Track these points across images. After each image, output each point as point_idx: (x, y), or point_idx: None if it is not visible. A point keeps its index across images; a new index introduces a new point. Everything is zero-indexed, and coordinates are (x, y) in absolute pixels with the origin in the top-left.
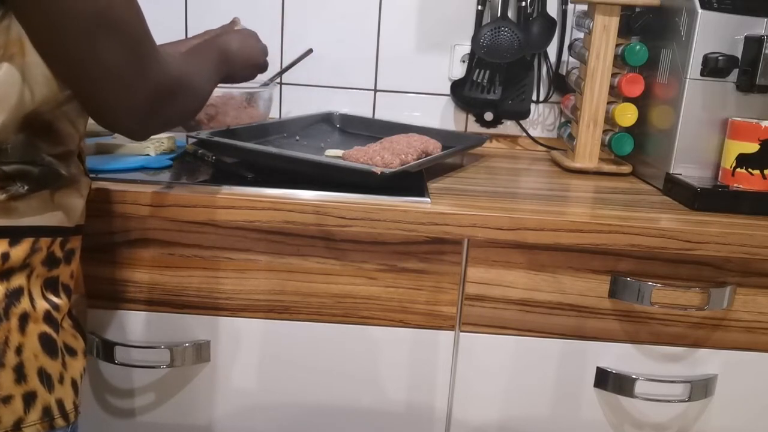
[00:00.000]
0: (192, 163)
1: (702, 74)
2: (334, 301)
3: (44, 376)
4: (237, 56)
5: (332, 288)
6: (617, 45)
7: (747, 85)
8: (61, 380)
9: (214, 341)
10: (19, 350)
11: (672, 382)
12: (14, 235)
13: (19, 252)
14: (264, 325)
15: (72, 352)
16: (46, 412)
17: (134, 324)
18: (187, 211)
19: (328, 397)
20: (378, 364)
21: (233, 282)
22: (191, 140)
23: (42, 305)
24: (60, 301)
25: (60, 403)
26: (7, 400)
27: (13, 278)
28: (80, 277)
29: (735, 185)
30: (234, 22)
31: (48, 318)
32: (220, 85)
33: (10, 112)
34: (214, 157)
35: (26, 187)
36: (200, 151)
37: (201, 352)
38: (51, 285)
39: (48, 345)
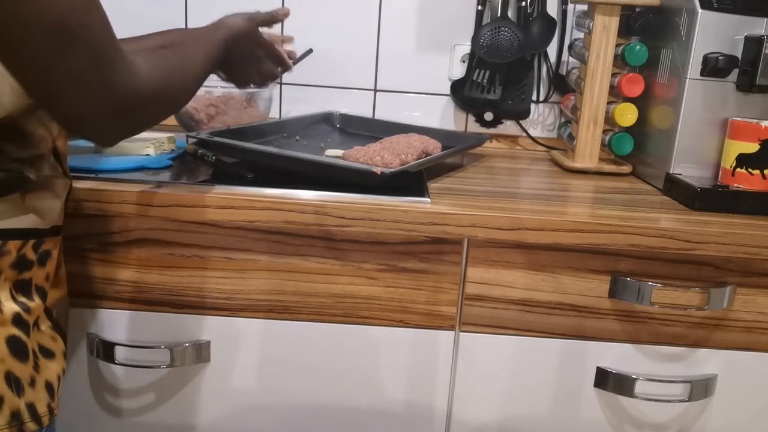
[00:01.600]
0: (192, 163)
1: (702, 74)
2: (334, 301)
3: (12, 380)
4: (236, 59)
5: (332, 288)
6: (617, 45)
7: (747, 85)
8: (33, 383)
9: (214, 341)
10: None
11: (672, 382)
12: None
13: None
14: (264, 325)
15: (49, 354)
16: (15, 416)
17: (134, 324)
18: (187, 211)
19: (328, 397)
20: (378, 364)
21: (233, 282)
22: (191, 140)
23: (11, 308)
24: (32, 303)
25: (31, 407)
26: None
27: None
28: (63, 277)
29: (735, 185)
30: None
31: (17, 321)
32: (222, 85)
33: None
34: (214, 157)
35: None
36: (200, 151)
37: (201, 352)
38: (22, 287)
39: (17, 348)
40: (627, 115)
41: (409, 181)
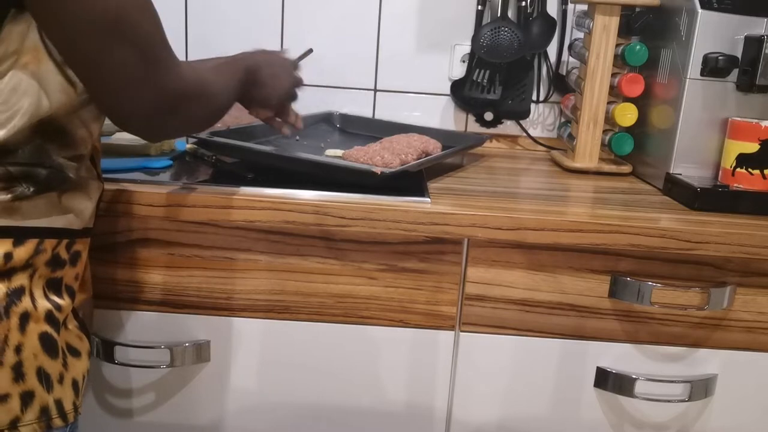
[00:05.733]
0: (192, 163)
1: (702, 74)
2: (334, 301)
3: (43, 376)
4: (261, 78)
5: (332, 288)
6: (617, 45)
7: (747, 85)
8: (61, 380)
9: (214, 341)
10: (18, 349)
11: (672, 382)
12: (18, 235)
13: (22, 252)
14: (264, 325)
15: (75, 352)
16: (44, 411)
17: (134, 324)
18: (187, 211)
19: (328, 397)
20: (378, 364)
21: (233, 282)
22: (191, 140)
23: (44, 305)
24: (63, 301)
25: (59, 403)
26: (3, 398)
27: (14, 278)
28: (89, 279)
29: (735, 185)
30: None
31: (50, 318)
32: None
33: (26, 119)
34: (214, 157)
35: (32, 189)
36: (200, 151)
37: (201, 352)
38: (54, 286)
39: (48, 345)
40: (627, 115)
41: (409, 181)
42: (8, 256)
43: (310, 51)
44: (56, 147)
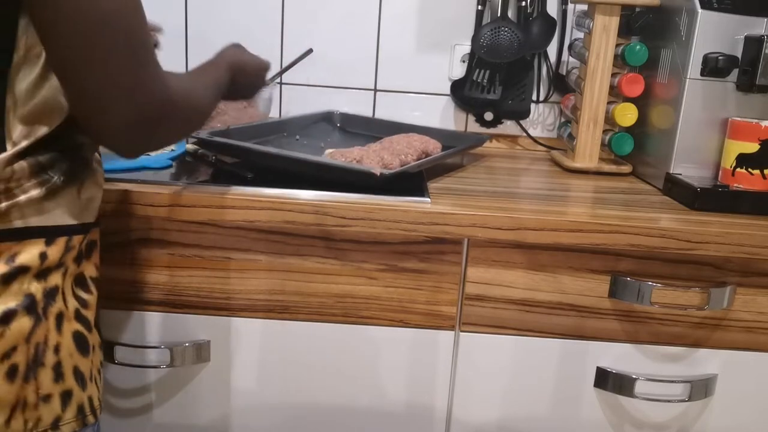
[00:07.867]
0: (192, 163)
1: (702, 74)
2: (334, 301)
3: (78, 374)
4: (242, 69)
5: (332, 288)
6: (617, 45)
7: (747, 85)
8: (91, 377)
9: (214, 341)
10: (56, 349)
11: (672, 382)
12: (49, 234)
13: (54, 251)
14: (264, 325)
15: (95, 348)
16: (80, 409)
17: (134, 324)
18: (187, 211)
19: (328, 397)
20: (378, 364)
21: (233, 282)
22: (191, 140)
23: (72, 303)
24: (89, 296)
25: (90, 400)
26: (46, 398)
27: (50, 278)
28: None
29: (735, 185)
30: None
31: (78, 316)
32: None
33: (56, 120)
34: (214, 157)
35: (62, 178)
36: (200, 151)
37: (201, 352)
38: (80, 281)
39: (81, 343)
40: (627, 115)
41: (409, 181)
42: (43, 256)
43: (310, 51)
44: (79, 130)
